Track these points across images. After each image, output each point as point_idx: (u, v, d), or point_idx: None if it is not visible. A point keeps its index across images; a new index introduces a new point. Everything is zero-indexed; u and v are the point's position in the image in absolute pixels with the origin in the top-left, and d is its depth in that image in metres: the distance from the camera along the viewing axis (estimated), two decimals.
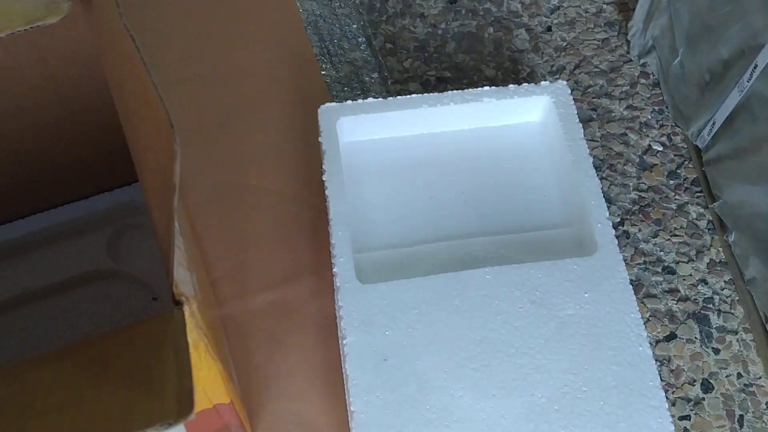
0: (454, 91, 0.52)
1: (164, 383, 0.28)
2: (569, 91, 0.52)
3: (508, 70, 0.54)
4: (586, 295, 0.44)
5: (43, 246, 0.49)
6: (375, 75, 0.60)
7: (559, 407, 0.40)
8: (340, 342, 0.44)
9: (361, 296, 0.43)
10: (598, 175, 0.52)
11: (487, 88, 0.52)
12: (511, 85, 0.52)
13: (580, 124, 0.50)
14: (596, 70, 0.62)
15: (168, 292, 0.28)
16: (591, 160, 0.49)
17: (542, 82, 0.52)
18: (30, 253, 0.49)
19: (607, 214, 0.47)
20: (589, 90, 0.57)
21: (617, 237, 0.45)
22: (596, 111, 0.52)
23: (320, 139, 0.50)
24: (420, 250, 0.48)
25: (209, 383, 0.35)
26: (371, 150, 0.52)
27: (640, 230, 0.52)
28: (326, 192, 0.48)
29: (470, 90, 0.52)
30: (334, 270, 0.45)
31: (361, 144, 0.52)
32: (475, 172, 0.52)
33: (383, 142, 0.52)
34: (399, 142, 0.53)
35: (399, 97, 0.51)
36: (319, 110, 0.51)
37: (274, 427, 0.46)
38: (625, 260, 0.47)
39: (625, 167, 0.56)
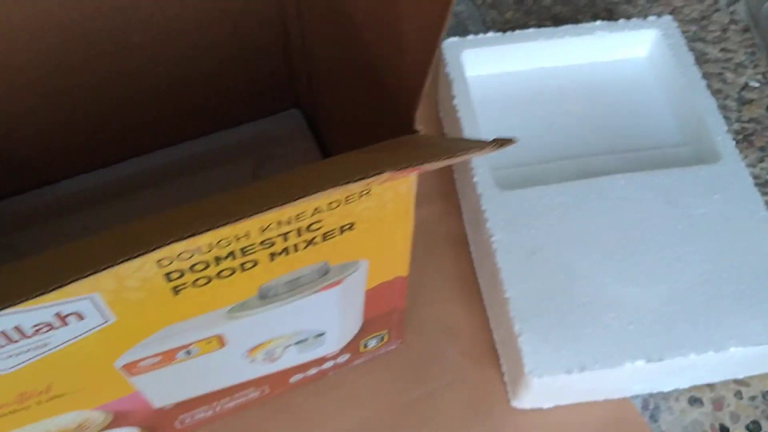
0: (568, 25, 0.55)
1: None
2: (676, 24, 0.55)
3: (603, 20, 0.57)
4: (716, 196, 0.46)
5: (192, 172, 0.52)
6: (479, 26, 0.64)
7: (702, 291, 0.43)
8: (485, 242, 0.47)
9: (503, 200, 0.46)
10: None
11: (598, 22, 0.55)
12: (620, 20, 0.55)
13: (690, 52, 0.54)
14: (687, 18, 0.65)
15: None
16: (704, 83, 0.52)
17: (649, 17, 0.56)
18: (178, 178, 0.52)
19: (726, 128, 0.50)
20: (683, 35, 0.61)
21: None
22: (692, 53, 0.55)
23: (446, 70, 0.53)
24: (547, 167, 0.51)
25: (400, 246, 0.37)
26: (490, 84, 0.55)
27: (746, 156, 0.55)
28: (457, 115, 0.51)
29: (583, 24, 0.55)
30: (474, 180, 0.48)
31: (480, 78, 0.55)
32: (591, 103, 0.55)
33: (501, 77, 0.56)
34: (516, 76, 0.56)
35: (517, 31, 0.55)
36: (443, 44, 0.54)
37: (421, 330, 0.48)
38: None
39: (725, 101, 0.59)
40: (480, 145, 0.26)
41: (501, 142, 0.25)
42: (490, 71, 0.56)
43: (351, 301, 0.40)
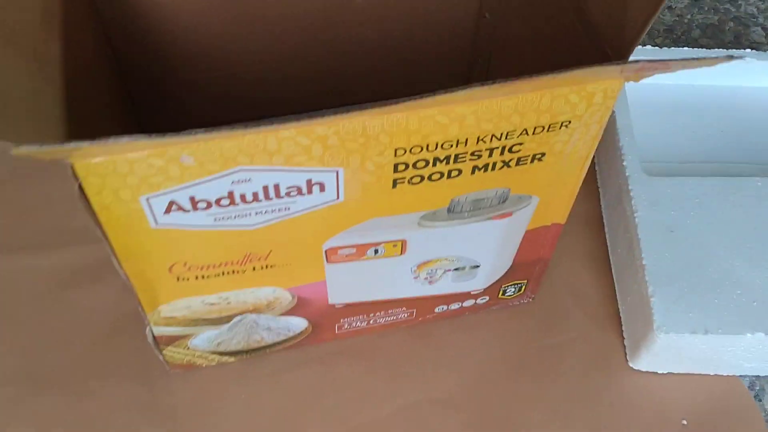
0: (718, 49, 0.60)
1: None
2: None
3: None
4: None
5: None
6: None
7: None
8: (626, 219, 0.52)
9: (648, 184, 0.52)
10: None
11: (748, 50, 0.61)
12: None
13: None
14: None
15: None
16: None
17: None
18: None
19: None
20: None
21: None
22: None
23: None
24: (689, 167, 0.56)
25: (570, 189, 0.43)
26: (642, 90, 0.61)
27: None
28: (613, 115, 0.57)
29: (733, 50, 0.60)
30: (623, 164, 0.53)
31: (632, 84, 0.61)
32: (732, 120, 0.60)
33: (652, 86, 0.61)
34: (665, 89, 0.61)
35: (672, 48, 0.61)
36: None
37: (551, 291, 0.54)
38: None
39: None
40: (710, 61, 0.31)
41: (730, 58, 0.30)
42: (652, 81, 0.61)
43: (511, 238, 0.46)
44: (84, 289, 0.54)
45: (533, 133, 0.36)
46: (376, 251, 0.43)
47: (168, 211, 0.35)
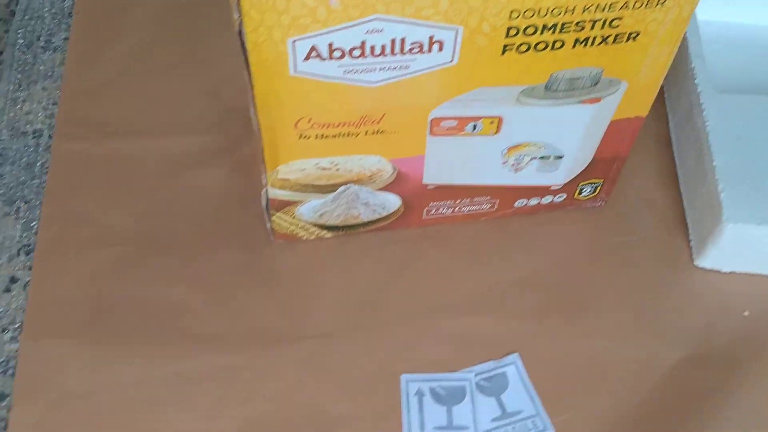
0: None
1: None
2: None
3: None
4: None
5: None
6: None
7: None
8: (696, 129, 0.56)
9: (719, 99, 0.56)
10: None
11: None
12: None
13: None
14: None
15: None
16: None
17: None
18: None
19: None
20: None
21: None
22: None
23: None
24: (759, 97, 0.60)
25: (656, 76, 0.47)
26: (715, 28, 0.65)
27: None
28: (688, 51, 0.60)
29: None
30: (695, 82, 0.57)
31: (706, 22, 0.65)
32: None
33: (727, 26, 0.65)
34: (741, 29, 0.65)
35: None
36: None
37: (621, 197, 0.58)
38: None
39: None
40: None
41: None
42: (717, 18, 0.65)
43: (596, 127, 0.50)
44: (195, 171, 0.59)
45: (633, 8, 0.41)
46: (474, 127, 0.48)
47: (307, 57, 0.40)
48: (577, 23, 0.41)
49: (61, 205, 0.57)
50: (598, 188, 0.56)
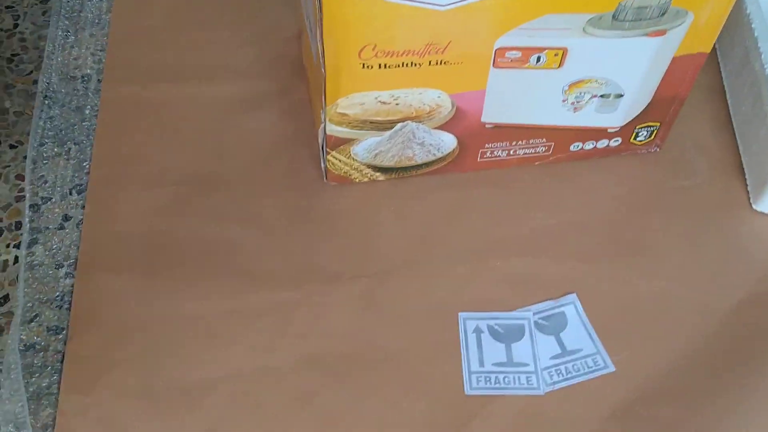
0: None
1: None
2: None
3: None
4: None
5: None
6: None
7: None
8: (754, 74, 0.55)
9: None
10: None
11: None
12: None
13: None
14: None
15: None
16: None
17: None
18: None
19: None
20: None
21: None
22: None
23: None
24: None
25: (721, 9, 0.46)
26: None
27: None
28: (752, 25, 0.59)
29: None
30: (752, 26, 0.56)
31: None
32: None
33: None
34: None
35: None
36: None
37: (676, 143, 0.58)
38: None
39: None
40: None
41: None
42: None
43: (659, 63, 0.49)
44: (245, 116, 0.59)
45: None
46: (538, 59, 0.47)
47: None
48: None
49: (112, 147, 0.57)
50: (654, 132, 0.56)
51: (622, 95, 0.51)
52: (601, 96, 0.51)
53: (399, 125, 0.50)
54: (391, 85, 0.47)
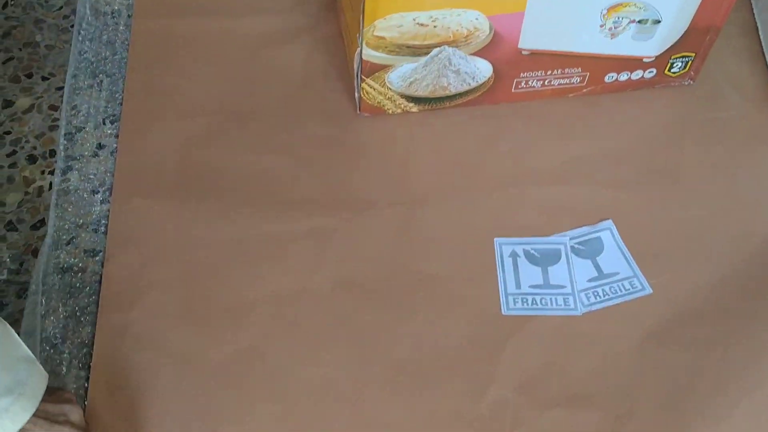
0: None
1: None
2: None
3: None
4: None
5: None
6: None
7: None
8: None
9: None
10: None
11: None
12: None
13: None
14: None
15: None
16: None
17: None
18: None
19: None
20: None
21: None
22: None
23: None
24: None
25: None
26: None
27: None
28: None
29: None
30: None
31: None
32: None
33: None
34: None
35: None
36: None
37: (711, 79, 0.58)
38: None
39: None
40: None
41: None
42: None
43: None
44: (277, 49, 0.59)
45: None
46: None
47: None
48: None
49: (145, 79, 0.57)
50: (689, 63, 0.55)
51: (659, 21, 0.51)
52: (639, 21, 0.51)
53: (435, 50, 0.50)
54: (430, 5, 0.47)
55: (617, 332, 0.46)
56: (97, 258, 0.49)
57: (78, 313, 0.47)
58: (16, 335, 0.38)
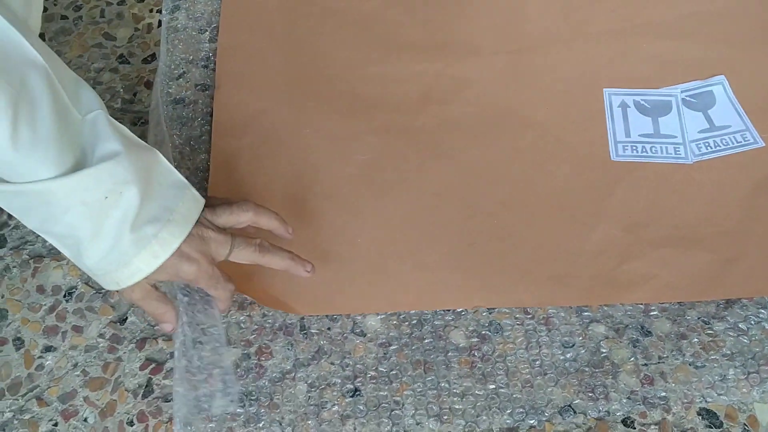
0: None
1: None
2: None
3: None
4: None
5: None
6: None
7: None
8: None
9: None
10: None
11: None
12: None
13: None
14: None
15: None
16: None
17: None
18: None
19: None
20: None
21: None
22: None
23: None
24: None
25: None
26: None
27: None
28: None
29: None
30: None
31: None
32: None
33: None
34: None
35: None
36: None
37: None
38: None
39: None
40: None
41: None
42: None
43: None
44: None
45: None
46: None
47: None
48: None
49: None
50: None
51: None
52: None
53: None
54: None
55: (727, 181, 0.45)
56: (207, 91, 0.50)
57: (192, 142, 0.48)
58: (166, 162, 0.37)
